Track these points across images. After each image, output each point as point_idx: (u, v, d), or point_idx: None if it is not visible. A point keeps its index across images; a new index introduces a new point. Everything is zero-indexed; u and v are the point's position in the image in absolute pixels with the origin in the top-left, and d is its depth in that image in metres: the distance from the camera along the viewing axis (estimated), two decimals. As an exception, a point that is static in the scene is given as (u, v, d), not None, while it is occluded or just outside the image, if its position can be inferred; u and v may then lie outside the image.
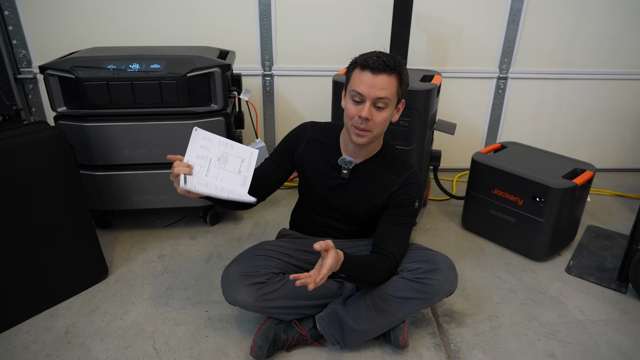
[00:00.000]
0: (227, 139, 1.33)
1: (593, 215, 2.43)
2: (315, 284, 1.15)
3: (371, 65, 1.28)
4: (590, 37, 2.65)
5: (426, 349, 1.54)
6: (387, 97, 1.30)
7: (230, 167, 1.31)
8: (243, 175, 1.32)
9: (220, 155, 1.30)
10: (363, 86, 1.29)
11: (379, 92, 1.29)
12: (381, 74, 1.28)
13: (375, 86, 1.29)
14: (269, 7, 2.48)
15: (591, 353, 1.53)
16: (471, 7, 2.55)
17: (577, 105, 2.84)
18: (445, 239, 2.20)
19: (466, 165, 2.42)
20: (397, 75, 1.31)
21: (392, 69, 1.29)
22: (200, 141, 1.29)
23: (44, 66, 1.83)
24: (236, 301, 1.43)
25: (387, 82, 1.29)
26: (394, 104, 1.35)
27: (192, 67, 1.87)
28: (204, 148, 1.29)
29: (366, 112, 1.30)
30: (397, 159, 1.49)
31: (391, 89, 1.30)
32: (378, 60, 1.28)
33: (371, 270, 1.40)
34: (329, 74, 2.57)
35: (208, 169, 1.28)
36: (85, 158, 1.95)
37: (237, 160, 1.32)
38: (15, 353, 1.47)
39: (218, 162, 1.29)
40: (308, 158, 1.53)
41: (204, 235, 2.16)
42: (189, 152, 1.27)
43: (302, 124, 1.58)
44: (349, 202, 1.51)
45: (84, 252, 1.75)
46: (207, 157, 1.28)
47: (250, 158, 1.34)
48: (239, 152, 1.33)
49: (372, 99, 1.30)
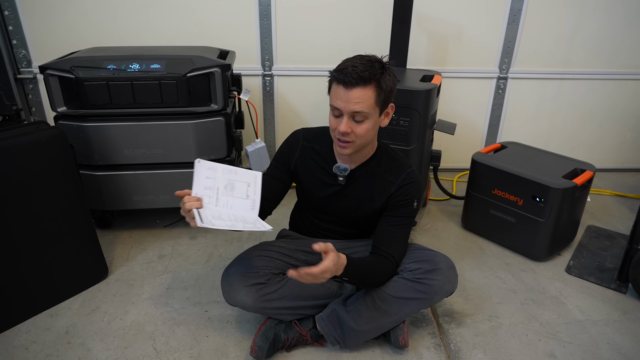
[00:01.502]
0: (229, 166, 1.34)
1: (593, 215, 2.43)
2: (309, 277, 1.16)
3: (343, 80, 1.24)
4: (590, 37, 2.65)
5: (426, 349, 1.54)
6: (364, 111, 1.27)
7: (237, 194, 1.32)
8: (251, 200, 1.33)
9: (226, 183, 1.31)
10: (339, 101, 1.27)
11: (354, 107, 1.26)
12: (355, 88, 1.24)
13: (350, 100, 1.25)
14: (269, 7, 2.48)
15: (591, 353, 1.53)
16: (471, 7, 2.55)
17: (577, 105, 2.84)
18: (445, 239, 2.20)
19: (466, 165, 2.42)
20: (374, 85, 1.25)
21: (367, 80, 1.24)
22: (204, 172, 1.30)
23: (44, 66, 1.83)
24: (236, 302, 1.43)
25: (361, 95, 1.25)
26: (375, 114, 1.31)
27: (192, 67, 1.87)
28: (210, 178, 1.30)
29: (344, 126, 1.28)
30: (394, 160, 1.48)
31: (367, 101, 1.26)
32: (352, 72, 1.23)
33: (373, 273, 1.40)
34: (329, 74, 2.56)
35: (217, 199, 1.29)
36: (85, 158, 1.95)
37: (244, 185, 1.33)
38: (15, 353, 1.48)
39: (225, 190, 1.31)
40: (303, 167, 1.52)
41: (204, 235, 2.16)
42: (196, 185, 1.28)
43: (293, 132, 1.56)
44: (347, 207, 1.51)
45: (84, 252, 1.75)
46: (214, 187, 1.30)
47: (255, 181, 1.35)
48: (244, 176, 1.34)
49: (349, 113, 1.27)
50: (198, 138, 1.98)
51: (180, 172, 2.03)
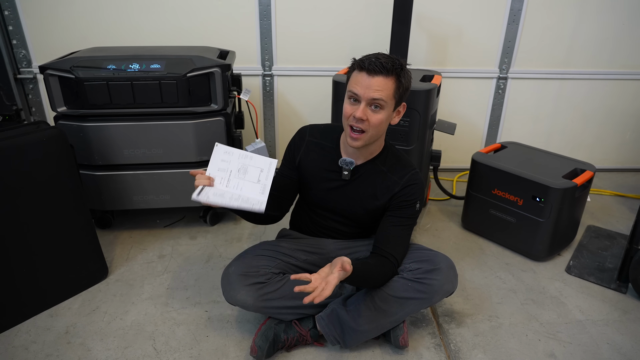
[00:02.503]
0: (246, 152, 1.39)
1: (593, 215, 2.43)
2: (319, 297, 1.14)
3: (367, 67, 1.29)
4: (591, 37, 2.65)
5: (426, 349, 1.54)
6: (382, 99, 1.30)
7: (249, 177, 1.35)
8: (262, 184, 1.35)
9: (240, 166, 1.35)
10: (359, 87, 1.30)
11: (374, 94, 1.29)
12: (377, 76, 1.29)
13: (371, 87, 1.29)
14: (269, 7, 2.48)
15: (591, 353, 1.53)
16: (471, 7, 2.55)
17: (577, 105, 2.84)
18: (445, 239, 2.20)
19: (466, 165, 2.42)
20: (394, 77, 1.30)
21: (389, 71, 1.29)
22: (221, 155, 1.35)
23: (44, 66, 1.83)
24: (236, 301, 1.43)
25: (382, 84, 1.29)
26: (390, 106, 1.34)
27: (192, 67, 1.87)
28: (225, 161, 1.35)
29: (360, 112, 1.30)
30: (399, 161, 1.49)
31: (387, 90, 1.30)
32: (376, 61, 1.28)
33: (374, 274, 1.41)
34: (329, 74, 2.57)
35: (229, 180, 1.33)
36: (85, 158, 1.95)
37: (257, 170, 1.37)
38: (15, 353, 1.48)
39: (238, 173, 1.35)
40: (308, 161, 1.53)
41: (204, 235, 2.16)
42: (211, 166, 1.33)
43: (300, 128, 1.57)
44: (349, 204, 1.51)
45: (84, 252, 1.75)
46: (227, 169, 1.34)
47: (269, 167, 1.38)
48: (258, 162, 1.38)
49: (367, 99, 1.30)
50: (198, 138, 1.98)
51: (180, 172, 2.03)
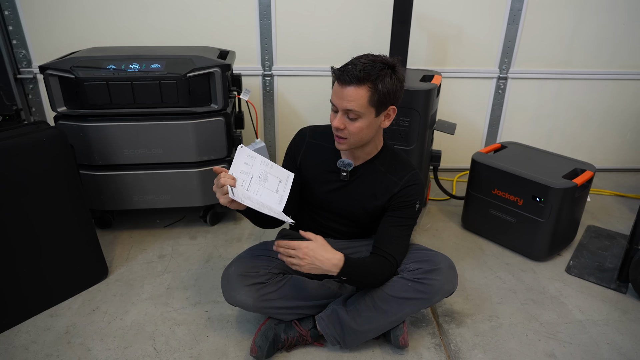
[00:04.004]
0: (267, 160, 1.40)
1: (593, 215, 2.43)
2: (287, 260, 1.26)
3: (339, 77, 1.28)
4: (591, 37, 2.65)
5: (426, 349, 1.54)
6: (355, 109, 1.28)
7: (269, 186, 1.36)
8: (280, 195, 1.37)
9: (261, 173, 1.36)
10: (335, 96, 1.31)
11: (347, 104, 1.28)
12: (349, 86, 1.26)
13: (344, 98, 1.28)
14: (269, 7, 2.48)
15: (591, 353, 1.53)
16: (471, 7, 2.55)
17: (577, 105, 2.84)
18: (445, 239, 2.20)
19: (466, 165, 2.42)
20: (367, 86, 1.26)
21: (360, 80, 1.25)
22: (244, 158, 1.35)
23: (44, 66, 1.83)
24: (236, 301, 1.43)
25: (354, 94, 1.26)
26: (369, 114, 1.31)
27: (192, 67, 1.87)
28: (247, 164, 1.35)
29: (336, 122, 1.32)
30: (398, 161, 1.49)
31: (359, 100, 1.27)
32: (350, 71, 1.25)
33: (371, 273, 1.40)
34: (329, 74, 2.56)
35: (249, 184, 1.34)
36: (85, 158, 1.95)
37: (276, 180, 1.38)
38: (15, 353, 1.48)
39: (259, 179, 1.35)
40: (308, 162, 1.53)
41: (204, 235, 2.16)
42: (234, 167, 1.33)
43: (300, 130, 1.57)
44: (349, 204, 1.51)
45: (84, 252, 1.75)
46: (250, 173, 1.34)
47: (287, 180, 1.39)
48: (278, 172, 1.39)
49: (342, 109, 1.30)
50: (198, 138, 1.98)
51: (181, 172, 2.03)
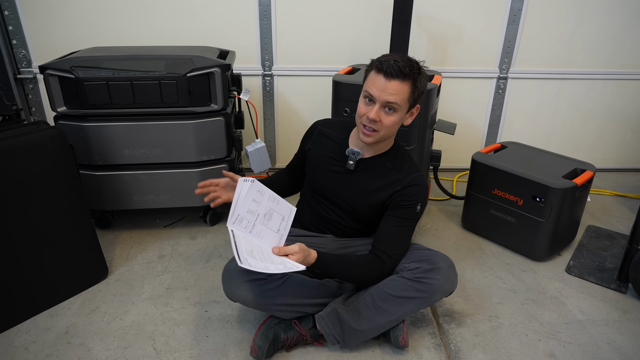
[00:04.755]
0: (274, 194, 1.36)
1: (593, 215, 2.43)
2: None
3: (385, 69, 1.30)
4: (591, 37, 2.65)
5: (426, 349, 1.54)
6: (397, 103, 1.32)
7: (272, 225, 1.34)
8: (280, 235, 1.35)
9: (267, 210, 1.33)
10: (375, 88, 1.32)
11: (389, 97, 1.31)
12: (394, 80, 1.30)
13: (386, 90, 1.31)
14: (269, 7, 2.48)
15: (591, 353, 1.53)
16: (471, 7, 2.55)
17: (577, 105, 2.84)
18: (445, 239, 2.20)
19: (466, 165, 2.42)
20: (410, 82, 1.32)
21: (406, 75, 1.30)
22: (253, 194, 1.31)
23: (44, 66, 1.83)
24: (237, 296, 1.43)
25: (398, 88, 1.31)
26: (404, 109, 1.36)
27: (192, 67, 1.87)
28: (256, 202, 1.31)
29: (374, 114, 1.33)
30: (405, 161, 1.50)
31: (402, 95, 1.32)
32: (394, 65, 1.29)
33: (355, 270, 1.41)
34: (329, 74, 2.56)
35: (254, 225, 1.31)
36: (85, 158, 1.95)
37: (279, 218, 1.36)
38: (15, 353, 1.48)
39: (264, 218, 1.33)
40: (316, 148, 1.58)
41: (204, 235, 2.16)
42: (241, 205, 1.28)
43: (315, 122, 1.64)
44: (349, 195, 1.51)
45: (84, 252, 1.75)
46: (256, 212, 1.31)
47: (289, 216, 1.37)
48: (282, 209, 1.36)
49: (382, 102, 1.32)
50: (198, 138, 1.98)
51: (180, 172, 2.03)
